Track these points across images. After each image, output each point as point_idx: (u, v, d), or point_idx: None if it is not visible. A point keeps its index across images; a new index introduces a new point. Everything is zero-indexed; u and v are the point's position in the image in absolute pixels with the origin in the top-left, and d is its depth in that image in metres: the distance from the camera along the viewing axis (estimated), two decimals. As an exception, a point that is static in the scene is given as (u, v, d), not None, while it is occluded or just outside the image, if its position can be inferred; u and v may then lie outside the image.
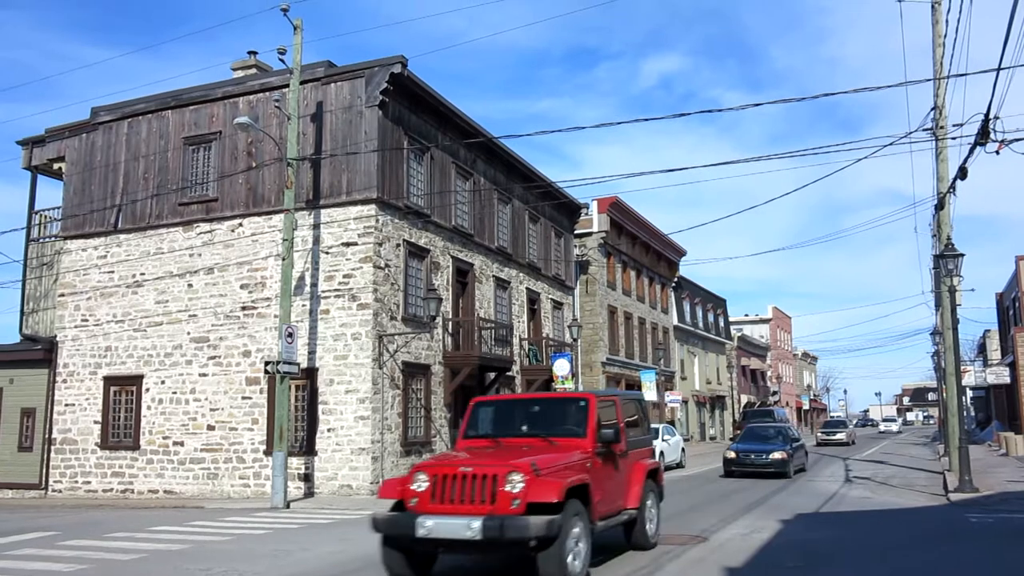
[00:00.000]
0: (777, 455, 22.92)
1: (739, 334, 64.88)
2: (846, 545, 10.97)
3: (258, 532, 13.29)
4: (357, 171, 20.23)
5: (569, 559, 7.86)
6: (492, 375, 25.27)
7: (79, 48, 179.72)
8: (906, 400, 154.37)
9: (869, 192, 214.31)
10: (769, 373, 73.35)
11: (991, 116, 13.75)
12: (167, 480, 21.10)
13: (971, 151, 15.40)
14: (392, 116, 20.90)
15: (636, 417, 10.75)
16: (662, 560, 9.71)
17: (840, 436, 46.30)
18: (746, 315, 77.76)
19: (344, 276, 20.05)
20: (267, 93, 21.10)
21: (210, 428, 20.86)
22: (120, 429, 22.02)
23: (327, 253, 20.28)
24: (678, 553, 10.17)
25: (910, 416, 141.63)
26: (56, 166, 24.41)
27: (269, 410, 19.84)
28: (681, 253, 47.72)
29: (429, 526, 7.78)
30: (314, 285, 20.25)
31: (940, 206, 20.50)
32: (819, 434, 48.06)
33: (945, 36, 19.81)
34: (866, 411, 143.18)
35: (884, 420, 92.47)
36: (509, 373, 26.60)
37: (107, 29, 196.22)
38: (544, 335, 30.03)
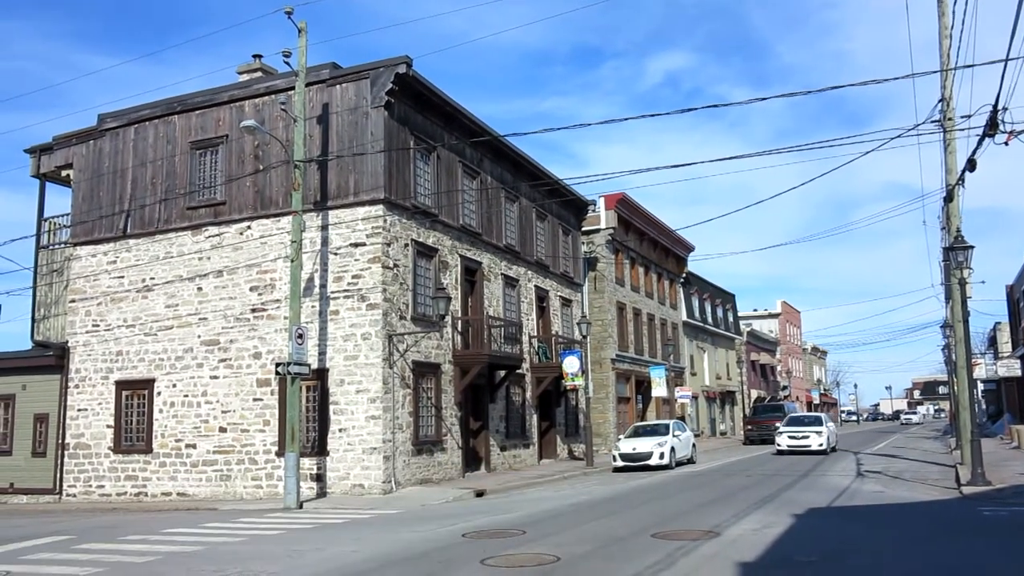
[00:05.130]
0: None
1: (748, 329, 64.71)
2: (859, 540, 10.95)
3: (272, 533, 13.35)
4: (364, 172, 20.28)
5: None
6: (502, 373, 25.30)
7: (85, 57, 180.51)
8: (916, 394, 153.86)
9: (876, 187, 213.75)
10: (779, 368, 73.17)
11: (999, 107, 13.72)
12: (180, 483, 21.21)
13: (980, 143, 15.36)
14: (398, 116, 20.93)
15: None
16: (675, 555, 9.71)
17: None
18: (755, 310, 77.51)
19: (353, 277, 20.10)
20: (273, 96, 21.15)
21: (222, 430, 20.96)
22: (133, 433, 22.15)
23: (335, 254, 20.33)
24: (690, 548, 10.17)
25: (920, 409, 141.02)
26: (64, 173, 24.53)
27: (280, 411, 19.92)
28: (689, 248, 47.58)
29: None
30: (323, 286, 20.30)
31: (949, 198, 20.39)
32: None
33: (952, 27, 19.69)
34: (876, 405, 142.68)
35: (787, 426, 32.84)
36: (519, 371, 26.63)
37: (112, 37, 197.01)
38: (553, 332, 30.05)
